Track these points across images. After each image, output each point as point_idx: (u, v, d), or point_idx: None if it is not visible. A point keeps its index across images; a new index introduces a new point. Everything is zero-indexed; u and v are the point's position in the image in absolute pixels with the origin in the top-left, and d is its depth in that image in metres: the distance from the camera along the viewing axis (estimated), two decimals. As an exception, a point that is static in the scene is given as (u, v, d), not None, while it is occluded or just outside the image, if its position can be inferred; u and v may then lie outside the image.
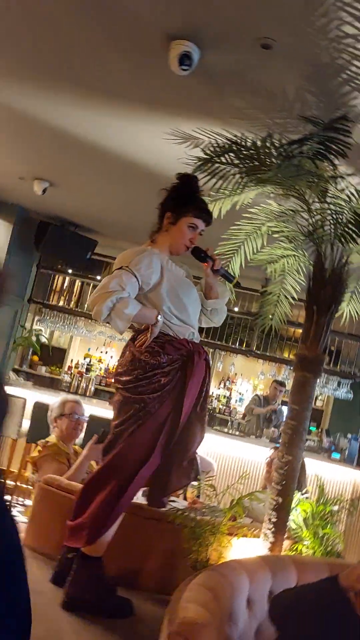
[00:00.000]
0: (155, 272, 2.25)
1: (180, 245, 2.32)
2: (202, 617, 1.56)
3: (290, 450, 2.55)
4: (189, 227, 2.29)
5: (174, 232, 2.31)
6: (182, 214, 2.28)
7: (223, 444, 5.25)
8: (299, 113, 2.30)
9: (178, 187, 2.34)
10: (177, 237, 2.31)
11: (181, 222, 2.29)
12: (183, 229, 2.29)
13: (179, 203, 2.30)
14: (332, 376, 6.08)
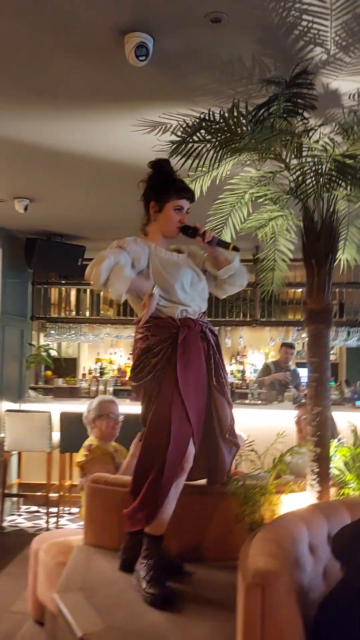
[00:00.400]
0: (143, 251, 2.33)
1: (171, 229, 2.41)
2: (272, 565, 1.66)
3: (318, 401, 2.63)
4: (175, 210, 2.38)
5: (162, 219, 2.40)
6: (165, 200, 2.37)
7: (248, 416, 5.36)
8: (260, 77, 2.36)
9: (154, 175, 2.43)
10: (166, 223, 2.40)
11: (166, 207, 2.38)
12: (169, 213, 2.38)
13: (159, 190, 2.38)
14: (340, 328, 6.16)
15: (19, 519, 5.37)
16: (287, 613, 1.59)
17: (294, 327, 6.71)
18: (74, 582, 2.32)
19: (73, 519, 5.31)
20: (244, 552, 1.86)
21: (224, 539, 2.58)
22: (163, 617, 2.04)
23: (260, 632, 1.57)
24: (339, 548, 1.90)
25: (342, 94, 2.48)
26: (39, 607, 3.16)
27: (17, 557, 4.27)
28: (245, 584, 1.62)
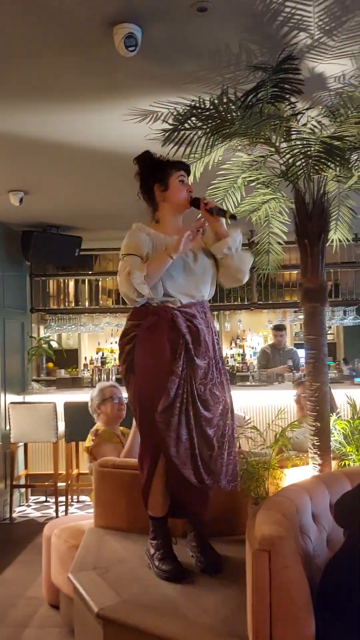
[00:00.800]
0: (145, 240, 2.40)
1: (182, 200, 2.45)
2: (278, 531, 1.74)
3: (316, 377, 2.71)
4: (180, 182, 2.44)
5: (171, 195, 2.44)
6: (167, 176, 2.43)
7: (250, 397, 5.46)
8: (247, 64, 2.40)
9: (144, 164, 2.49)
10: (176, 196, 2.44)
11: (171, 182, 2.43)
12: (176, 185, 2.43)
13: (157, 171, 2.44)
14: (336, 307, 6.24)
15: (28, 510, 5.47)
16: (293, 575, 1.68)
17: (291, 309, 6.78)
18: (87, 561, 2.41)
19: (82, 507, 5.41)
20: (251, 522, 1.95)
21: (230, 515, 2.67)
22: (175, 589, 2.14)
23: (269, 594, 1.66)
24: (340, 514, 1.99)
25: (327, 77, 2.53)
26: (53, 591, 3.25)
27: (29, 546, 4.36)
28: (253, 550, 1.71)
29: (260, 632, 1.66)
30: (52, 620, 3.15)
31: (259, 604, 1.67)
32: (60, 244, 5.78)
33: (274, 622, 1.66)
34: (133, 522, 2.70)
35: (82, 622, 2.18)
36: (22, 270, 6.14)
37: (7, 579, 3.78)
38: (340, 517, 1.97)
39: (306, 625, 1.66)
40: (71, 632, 2.90)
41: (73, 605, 2.44)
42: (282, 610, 1.66)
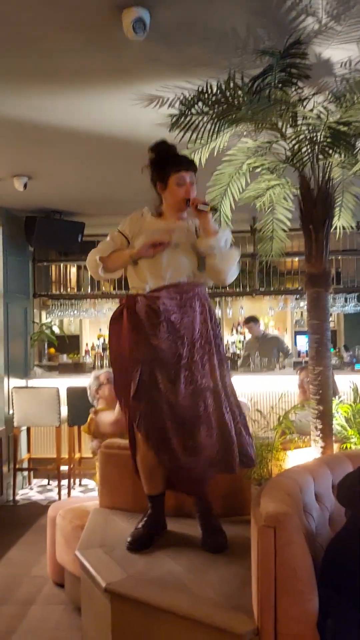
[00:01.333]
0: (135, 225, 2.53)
1: (178, 202, 2.48)
2: (283, 509, 1.79)
3: (319, 361, 2.75)
4: (177, 185, 2.45)
5: (169, 195, 2.49)
6: (166, 177, 2.46)
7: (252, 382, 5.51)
8: (254, 48, 2.40)
9: (153, 158, 2.52)
10: (173, 198, 2.48)
11: (169, 183, 2.47)
12: (173, 188, 2.46)
13: (160, 170, 2.48)
14: (337, 294, 6.27)
15: (31, 493, 5.54)
16: (298, 551, 1.72)
17: (292, 296, 6.80)
18: (94, 540, 2.47)
19: (84, 491, 5.47)
20: (256, 501, 1.99)
21: (233, 497, 2.72)
22: (181, 565, 2.19)
23: (274, 569, 1.70)
24: (342, 494, 2.03)
25: (334, 62, 2.53)
26: (58, 570, 3.32)
27: (32, 528, 4.43)
28: (259, 527, 1.75)
29: (265, 606, 1.71)
30: (57, 598, 3.22)
31: (264, 578, 1.71)
32: (63, 230, 5.78)
33: (279, 596, 1.71)
34: (138, 502, 2.74)
35: (89, 598, 2.24)
36: (25, 255, 6.15)
37: (11, 559, 3.85)
38: (343, 497, 2.02)
39: (310, 599, 1.71)
40: (76, 609, 2.96)
41: (79, 583, 2.50)
42: (287, 584, 1.71)
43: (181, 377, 2.32)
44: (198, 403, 2.32)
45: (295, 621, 1.69)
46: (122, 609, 2.00)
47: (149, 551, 2.31)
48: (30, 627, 2.92)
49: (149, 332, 2.33)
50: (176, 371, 2.32)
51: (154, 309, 2.34)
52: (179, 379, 2.31)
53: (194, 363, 2.35)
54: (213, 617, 1.80)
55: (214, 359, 2.39)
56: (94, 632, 2.19)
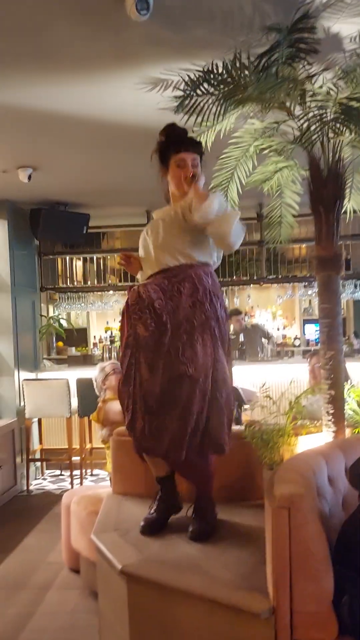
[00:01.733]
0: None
1: (178, 184, 2.45)
2: (296, 490, 1.78)
3: (331, 345, 2.72)
4: (178, 166, 2.43)
5: (170, 179, 2.48)
6: (167, 160, 2.45)
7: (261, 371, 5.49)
8: (261, 25, 2.37)
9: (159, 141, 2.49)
10: (174, 180, 2.46)
11: (170, 166, 2.45)
12: (174, 170, 2.45)
13: (160, 153, 2.48)
14: (347, 281, 6.22)
15: (44, 482, 5.57)
16: (312, 531, 1.72)
17: (300, 284, 6.76)
18: (109, 524, 2.47)
19: (96, 480, 5.50)
20: (269, 483, 1.98)
21: (246, 481, 2.72)
22: (195, 547, 2.19)
23: (289, 549, 1.70)
24: (355, 477, 2.02)
25: (343, 37, 2.48)
26: (73, 556, 3.34)
27: (47, 516, 4.47)
28: (273, 508, 1.75)
29: (281, 585, 1.70)
30: (73, 583, 3.25)
31: (279, 558, 1.71)
32: (68, 222, 5.78)
33: (294, 575, 1.71)
34: (150, 487, 2.73)
35: (105, 581, 2.25)
36: (31, 248, 6.15)
37: (27, 546, 3.88)
38: (355, 481, 2.00)
39: (325, 577, 1.71)
40: (92, 593, 2.99)
41: (95, 568, 2.51)
42: (302, 563, 1.70)
43: (160, 364, 2.27)
44: (174, 391, 2.26)
45: (311, 599, 1.69)
46: (138, 591, 2.00)
47: (163, 534, 2.31)
48: (48, 611, 2.95)
49: (134, 319, 2.32)
50: (156, 358, 2.28)
51: (140, 297, 2.32)
52: (158, 366, 2.27)
53: (174, 350, 2.27)
54: (229, 597, 1.80)
55: (197, 344, 2.29)
56: (111, 615, 2.20)
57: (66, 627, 2.79)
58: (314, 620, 1.70)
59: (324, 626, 1.69)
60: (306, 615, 1.70)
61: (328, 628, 1.69)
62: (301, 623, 1.70)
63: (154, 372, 2.27)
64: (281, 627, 1.71)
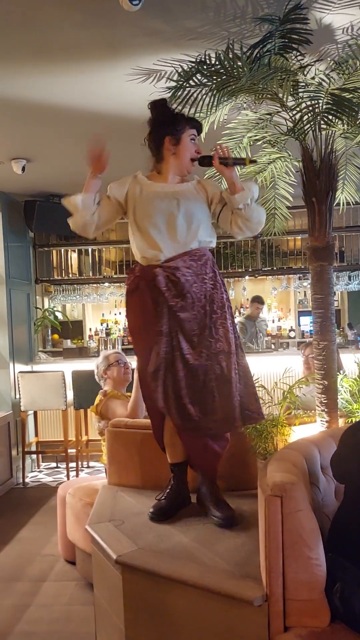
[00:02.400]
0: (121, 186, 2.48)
1: (188, 160, 2.41)
2: (289, 478, 1.80)
3: (323, 336, 2.74)
4: (191, 140, 2.41)
5: (180, 151, 2.40)
6: (180, 131, 2.38)
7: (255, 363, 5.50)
8: (253, 16, 2.36)
9: (160, 113, 2.42)
10: (184, 154, 2.40)
11: (183, 138, 2.38)
12: (187, 143, 2.40)
13: (172, 123, 2.39)
14: (341, 272, 6.24)
15: (40, 475, 5.59)
16: (305, 519, 1.73)
17: (295, 275, 6.78)
18: (104, 515, 2.49)
19: (91, 472, 5.52)
20: (262, 472, 2.00)
21: (239, 471, 2.73)
22: (189, 537, 2.21)
23: (282, 537, 1.72)
24: (335, 471, 2.04)
25: (335, 28, 2.48)
26: (69, 548, 3.36)
27: (42, 508, 4.49)
28: (266, 496, 1.76)
29: (274, 572, 1.72)
30: (69, 575, 3.27)
31: (272, 546, 1.73)
32: (63, 214, 5.66)
33: (287, 562, 1.73)
34: (146, 479, 2.77)
35: (100, 571, 2.26)
36: (26, 241, 6.14)
37: (23, 538, 3.90)
38: (336, 475, 2.03)
39: (318, 565, 1.72)
40: (88, 584, 3.01)
41: (90, 559, 2.52)
42: (295, 551, 1.72)
43: (202, 344, 2.33)
44: (214, 367, 2.33)
45: (303, 586, 1.71)
46: (133, 580, 2.02)
47: (157, 525, 2.33)
48: (44, 602, 2.97)
49: (172, 304, 2.30)
50: (198, 339, 2.33)
51: (174, 280, 2.31)
52: (200, 346, 2.33)
53: (210, 329, 2.35)
54: (223, 585, 1.82)
55: (227, 321, 2.39)
56: (106, 604, 2.22)
57: (62, 618, 2.82)
58: (307, 607, 1.72)
59: (317, 613, 1.71)
60: (299, 603, 1.72)
61: (320, 615, 1.71)
62: (294, 610, 1.73)
63: (198, 354, 2.32)
64: (274, 614, 1.73)
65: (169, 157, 2.41)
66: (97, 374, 3.62)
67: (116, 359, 3.51)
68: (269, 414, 2.77)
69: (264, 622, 1.73)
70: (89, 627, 2.55)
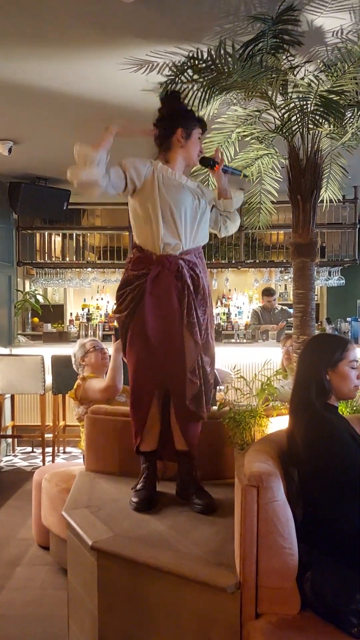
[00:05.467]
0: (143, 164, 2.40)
1: (195, 156, 2.51)
2: (265, 469, 1.85)
3: (303, 330, 2.81)
4: (199, 139, 2.50)
5: (190, 146, 2.46)
6: (192, 127, 2.45)
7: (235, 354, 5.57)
8: (246, 14, 2.37)
9: (176, 104, 2.49)
10: (192, 149, 2.48)
11: (193, 134, 2.46)
12: (196, 140, 2.48)
13: (187, 118, 2.46)
14: (321, 268, 6.32)
15: (15, 459, 5.59)
16: (279, 509, 1.79)
17: (277, 269, 6.85)
18: (80, 501, 2.52)
19: (68, 458, 5.54)
20: (239, 463, 2.05)
21: (216, 460, 2.79)
22: (166, 524, 2.26)
23: (257, 525, 1.77)
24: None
25: (325, 31, 2.51)
26: (43, 533, 3.39)
27: (17, 493, 4.49)
28: (243, 486, 1.81)
29: (248, 560, 1.78)
30: (42, 559, 3.30)
31: (247, 534, 1.78)
32: (48, 197, 5.71)
33: (260, 551, 1.78)
34: (124, 466, 2.80)
35: (75, 556, 2.30)
36: (9, 222, 6.08)
37: (-3, 522, 3.91)
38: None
39: (291, 554, 1.78)
40: (61, 569, 3.05)
41: (64, 544, 2.55)
42: (269, 540, 1.77)
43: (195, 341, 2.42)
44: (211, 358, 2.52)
45: (276, 574, 1.77)
46: (108, 566, 2.06)
47: (134, 512, 2.37)
48: (17, 586, 3.00)
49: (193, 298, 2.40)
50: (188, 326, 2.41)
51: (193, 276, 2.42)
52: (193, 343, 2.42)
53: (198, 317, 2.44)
54: (197, 572, 1.87)
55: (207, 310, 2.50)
56: (80, 590, 2.26)
57: (35, 601, 2.85)
58: (278, 595, 1.78)
59: (288, 601, 1.78)
60: (271, 590, 1.78)
61: (291, 603, 1.77)
62: (266, 597, 1.78)
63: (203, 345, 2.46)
64: (246, 601, 1.78)
65: (178, 148, 2.45)
66: (75, 362, 3.64)
67: (93, 345, 3.55)
68: (247, 405, 2.83)
69: (236, 609, 1.79)
70: (62, 610, 2.59)
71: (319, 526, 1.91)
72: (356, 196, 6.11)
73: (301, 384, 2.06)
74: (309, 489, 1.92)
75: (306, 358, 2.09)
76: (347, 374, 2.00)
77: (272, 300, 6.59)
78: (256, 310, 6.71)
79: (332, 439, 1.91)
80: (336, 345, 2.03)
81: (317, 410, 1.97)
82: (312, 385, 2.00)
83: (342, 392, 2.03)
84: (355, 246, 6.34)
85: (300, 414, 2.02)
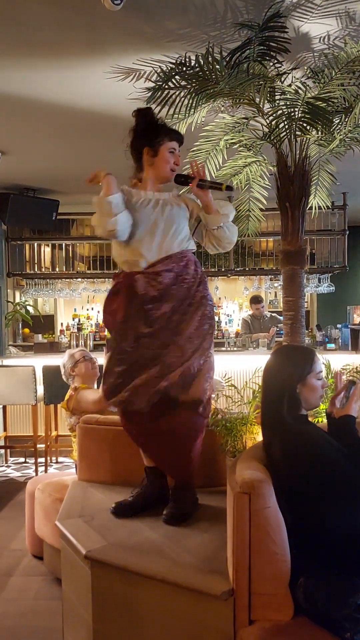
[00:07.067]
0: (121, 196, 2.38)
1: (166, 171, 2.43)
2: (257, 476, 1.84)
3: (293, 337, 2.82)
4: (170, 153, 2.42)
5: (158, 162, 2.42)
6: (159, 143, 2.40)
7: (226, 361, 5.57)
8: (233, 21, 2.40)
9: (142, 122, 2.44)
10: (162, 166, 2.42)
11: (161, 150, 2.40)
12: (165, 155, 2.41)
13: (151, 135, 2.41)
14: (311, 275, 6.35)
15: (7, 470, 5.54)
16: (271, 516, 1.78)
17: (267, 277, 6.88)
18: (74, 510, 2.50)
19: (60, 468, 5.50)
20: (231, 470, 2.05)
21: (209, 468, 2.78)
22: (159, 533, 2.24)
23: (249, 532, 1.77)
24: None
25: (312, 37, 2.54)
26: (36, 543, 3.36)
27: (10, 503, 4.45)
28: (235, 493, 1.81)
29: (240, 567, 1.77)
30: (36, 569, 3.27)
31: (239, 541, 1.77)
32: (37, 207, 5.71)
33: (253, 558, 1.77)
34: (116, 475, 2.79)
35: (69, 566, 2.28)
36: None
37: (-11, 533, 3.87)
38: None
39: (283, 560, 1.78)
40: (55, 580, 3.02)
41: (58, 554, 2.53)
42: (261, 547, 1.77)
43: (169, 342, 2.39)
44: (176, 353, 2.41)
45: (268, 581, 1.76)
46: (102, 575, 2.04)
47: (127, 521, 2.36)
48: (10, 597, 2.97)
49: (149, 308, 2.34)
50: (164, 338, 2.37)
51: (155, 286, 2.34)
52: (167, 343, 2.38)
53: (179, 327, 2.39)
54: (190, 580, 1.86)
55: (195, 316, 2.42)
56: (74, 599, 2.24)
57: (28, 612, 2.82)
58: (271, 601, 1.77)
59: (281, 607, 1.77)
60: (264, 597, 1.78)
61: (284, 609, 1.77)
62: (259, 604, 1.78)
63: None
64: (240, 608, 1.78)
65: (147, 167, 2.44)
66: (65, 373, 3.62)
67: (82, 355, 3.53)
68: (238, 412, 2.83)
69: (229, 616, 1.78)
70: (56, 621, 2.56)
71: (308, 533, 1.91)
72: (345, 203, 6.15)
73: (272, 399, 2.05)
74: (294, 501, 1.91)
75: (275, 373, 2.08)
76: (316, 386, 2.03)
77: (260, 308, 6.63)
78: (246, 319, 6.73)
79: (313, 455, 1.89)
80: (305, 359, 2.04)
81: (291, 425, 1.97)
82: (283, 400, 2.00)
83: (309, 403, 2.05)
84: (345, 253, 6.38)
85: (274, 430, 2.02)
